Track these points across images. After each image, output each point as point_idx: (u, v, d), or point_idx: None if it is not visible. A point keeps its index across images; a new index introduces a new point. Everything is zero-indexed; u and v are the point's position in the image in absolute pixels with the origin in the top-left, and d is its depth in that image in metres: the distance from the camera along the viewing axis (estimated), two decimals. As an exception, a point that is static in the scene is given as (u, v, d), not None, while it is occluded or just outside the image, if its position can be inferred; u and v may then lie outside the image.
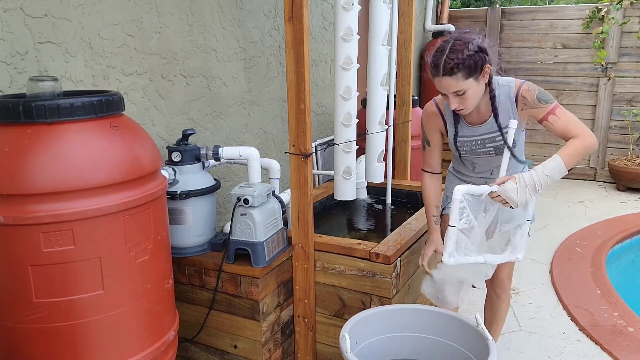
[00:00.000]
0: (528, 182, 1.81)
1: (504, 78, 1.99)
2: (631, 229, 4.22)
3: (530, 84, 1.93)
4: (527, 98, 1.90)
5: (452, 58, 1.76)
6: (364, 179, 3.06)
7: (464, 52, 1.75)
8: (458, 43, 1.78)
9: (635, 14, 5.46)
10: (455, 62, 1.75)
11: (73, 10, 2.07)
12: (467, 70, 1.77)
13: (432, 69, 1.81)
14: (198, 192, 2.20)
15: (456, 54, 1.76)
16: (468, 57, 1.76)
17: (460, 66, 1.75)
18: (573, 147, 1.83)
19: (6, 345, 1.55)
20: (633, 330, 2.78)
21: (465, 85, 1.79)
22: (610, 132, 5.80)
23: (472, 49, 1.76)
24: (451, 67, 1.76)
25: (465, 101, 1.84)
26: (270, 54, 3.26)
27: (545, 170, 1.81)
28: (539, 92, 1.90)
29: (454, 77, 1.77)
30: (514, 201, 1.82)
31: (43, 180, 1.42)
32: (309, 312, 2.40)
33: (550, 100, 1.89)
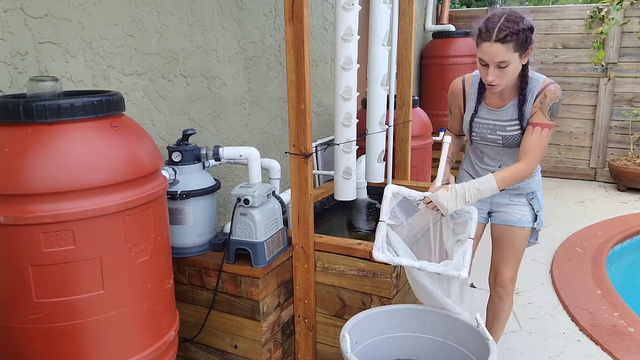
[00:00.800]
0: (459, 192, 1.89)
1: (535, 72, 2.00)
2: (631, 229, 4.22)
3: (557, 89, 1.93)
4: (547, 98, 1.91)
5: (507, 26, 1.77)
6: (364, 179, 3.06)
7: (519, 24, 1.78)
8: (514, 15, 1.80)
9: (635, 14, 5.46)
10: (511, 30, 1.76)
11: (73, 11, 2.07)
12: (517, 43, 1.78)
13: (485, 33, 1.81)
14: (198, 192, 2.20)
15: (512, 23, 1.77)
16: (522, 30, 1.78)
17: (514, 36, 1.77)
18: (510, 172, 1.91)
19: (6, 345, 1.55)
20: (633, 330, 2.78)
21: (511, 58, 1.80)
22: (611, 132, 5.80)
23: (526, 24, 1.79)
24: (505, 35, 1.77)
25: (504, 75, 1.85)
26: (271, 54, 3.27)
27: (477, 184, 1.90)
28: (557, 102, 1.92)
29: (505, 45, 1.78)
30: (444, 208, 1.89)
31: (43, 180, 1.42)
32: (309, 312, 2.40)
33: (554, 118, 1.94)
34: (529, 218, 2.14)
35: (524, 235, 2.17)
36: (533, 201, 2.12)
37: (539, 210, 2.14)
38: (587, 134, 5.92)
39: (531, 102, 1.95)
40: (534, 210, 2.13)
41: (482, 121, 2.07)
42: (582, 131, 5.94)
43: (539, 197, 2.13)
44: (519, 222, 2.14)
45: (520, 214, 2.13)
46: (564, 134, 6.02)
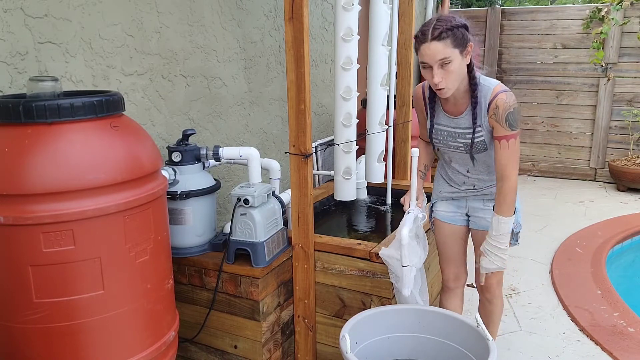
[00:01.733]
0: (491, 249, 1.98)
1: (487, 77, 1.97)
2: (631, 229, 4.22)
3: (509, 97, 1.89)
4: (500, 109, 1.88)
5: (441, 24, 1.81)
6: (364, 179, 3.06)
7: (451, 22, 1.81)
8: (445, 15, 1.85)
9: (635, 14, 5.46)
10: (445, 27, 1.80)
11: (73, 11, 2.07)
12: (454, 39, 1.80)
13: (421, 36, 1.83)
14: (198, 192, 2.20)
15: (445, 22, 1.81)
16: (456, 27, 1.80)
17: (449, 32, 1.80)
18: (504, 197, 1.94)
19: (6, 345, 1.55)
20: (633, 330, 2.78)
21: (451, 54, 1.81)
22: (611, 132, 5.80)
23: (459, 22, 1.83)
24: (440, 32, 1.80)
25: (449, 75, 1.83)
26: (271, 54, 3.27)
27: (494, 231, 1.97)
28: (512, 111, 1.88)
29: (442, 41, 1.80)
30: (496, 268, 2.01)
31: (43, 180, 1.42)
32: (309, 312, 2.40)
33: (514, 127, 1.89)
34: None
35: None
36: None
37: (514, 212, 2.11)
38: (587, 134, 5.92)
39: (485, 110, 1.92)
40: None
41: (442, 128, 2.06)
42: (582, 131, 5.94)
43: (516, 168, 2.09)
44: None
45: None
46: (564, 134, 6.02)
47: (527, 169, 6.23)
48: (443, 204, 2.25)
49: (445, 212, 2.24)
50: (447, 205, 2.23)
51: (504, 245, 1.98)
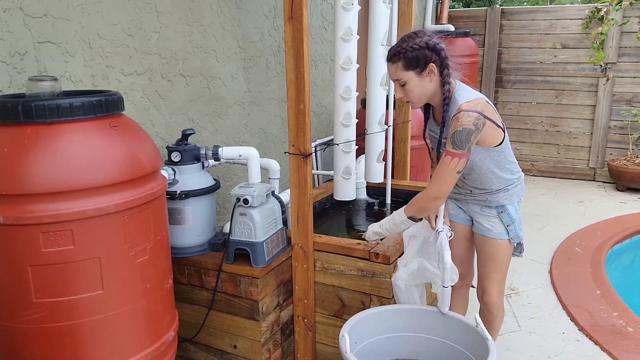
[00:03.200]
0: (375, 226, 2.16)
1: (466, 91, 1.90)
2: (631, 229, 4.22)
3: (465, 117, 1.81)
4: (452, 125, 1.85)
5: (397, 45, 1.85)
6: (364, 179, 3.06)
7: (409, 43, 1.83)
8: (410, 35, 1.86)
9: (634, 14, 5.46)
10: (398, 50, 1.83)
11: (72, 10, 2.07)
12: (407, 62, 1.83)
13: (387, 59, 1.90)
14: (198, 192, 2.19)
15: (404, 43, 1.84)
16: (410, 49, 1.82)
17: (401, 55, 1.83)
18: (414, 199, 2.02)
19: (6, 345, 1.54)
20: (632, 330, 2.78)
21: (404, 76, 1.86)
22: (610, 132, 5.80)
23: (418, 44, 1.82)
24: (393, 54, 1.85)
25: (408, 93, 1.90)
26: (270, 54, 3.26)
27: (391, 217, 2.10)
28: (460, 130, 1.81)
29: (394, 64, 1.86)
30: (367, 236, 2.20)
31: (43, 180, 1.42)
32: (309, 312, 2.40)
33: (457, 146, 1.82)
34: (500, 230, 2.07)
35: (499, 248, 2.09)
36: (502, 215, 2.05)
37: (510, 224, 2.07)
38: (586, 134, 5.92)
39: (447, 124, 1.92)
40: (504, 224, 2.07)
41: (431, 133, 2.10)
42: (581, 131, 5.94)
43: (509, 211, 2.05)
44: (489, 233, 2.09)
45: (490, 224, 2.08)
46: (564, 134, 6.03)
47: (527, 169, 6.23)
48: (447, 203, 2.22)
49: (450, 210, 2.23)
50: (451, 204, 2.22)
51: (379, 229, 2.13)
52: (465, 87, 1.94)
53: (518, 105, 6.16)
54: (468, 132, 1.81)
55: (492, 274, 2.15)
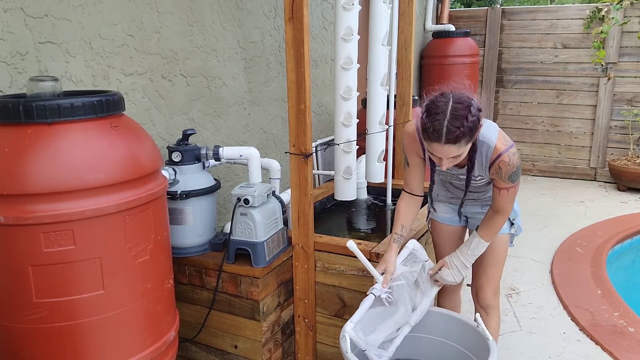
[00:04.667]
0: (458, 264, 2.02)
1: (486, 130, 1.83)
2: (631, 229, 4.22)
3: (511, 157, 1.81)
4: (502, 170, 1.83)
5: (456, 126, 1.63)
6: (364, 179, 3.06)
7: (468, 118, 1.64)
8: (459, 107, 1.65)
9: (635, 14, 5.45)
10: (462, 130, 1.64)
11: (73, 11, 2.07)
12: (470, 136, 1.68)
13: (432, 133, 1.67)
14: (198, 192, 2.20)
15: (460, 120, 1.63)
16: (472, 125, 1.65)
17: (465, 134, 1.65)
18: (494, 227, 1.97)
19: (6, 345, 1.55)
20: (633, 330, 2.78)
21: (464, 149, 1.72)
22: (611, 132, 5.79)
23: (475, 114, 1.66)
24: (456, 137, 1.64)
25: (458, 158, 1.76)
26: (271, 54, 3.26)
27: (469, 250, 2.01)
28: (515, 171, 1.83)
29: (457, 144, 1.67)
30: (452, 282, 2.06)
31: (43, 180, 1.42)
32: (309, 312, 2.40)
33: (517, 180, 1.87)
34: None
35: (499, 242, 2.10)
36: None
37: (515, 217, 2.11)
38: (587, 133, 5.92)
39: (485, 166, 1.87)
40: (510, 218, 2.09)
41: (449, 171, 2.03)
42: (582, 131, 5.94)
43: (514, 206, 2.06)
44: None
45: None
46: (564, 134, 6.02)
47: (527, 169, 6.23)
48: (441, 206, 2.23)
49: (443, 214, 2.23)
50: (445, 207, 2.22)
51: (469, 265, 2.03)
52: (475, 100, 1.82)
53: (519, 105, 6.15)
54: (519, 167, 1.85)
55: (488, 270, 2.15)
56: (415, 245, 2.07)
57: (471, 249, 2.00)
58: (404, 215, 2.06)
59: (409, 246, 2.05)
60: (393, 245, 2.01)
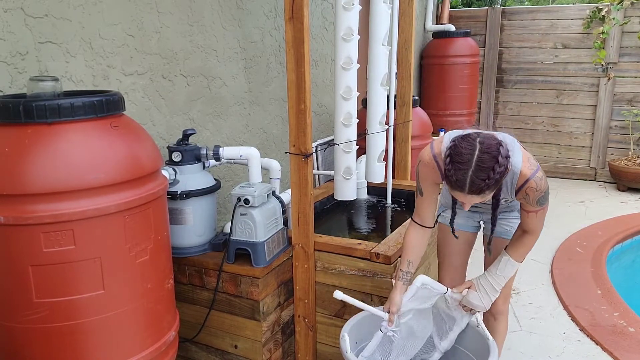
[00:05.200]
0: (487, 287, 1.89)
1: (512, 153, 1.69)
2: (632, 229, 4.22)
3: (539, 183, 1.71)
4: (530, 196, 1.74)
5: (482, 178, 1.53)
6: (364, 179, 3.06)
7: (495, 170, 1.53)
8: (486, 158, 1.53)
9: (635, 14, 5.45)
10: (487, 182, 1.54)
11: (73, 10, 2.07)
12: (496, 186, 1.58)
13: (454, 183, 1.58)
14: (198, 192, 2.20)
15: (486, 172, 1.53)
16: (499, 175, 1.55)
17: (491, 186, 1.56)
18: (525, 247, 1.87)
19: (6, 345, 1.55)
20: (633, 330, 2.77)
21: (487, 197, 1.63)
22: (611, 132, 5.79)
23: (503, 164, 1.54)
24: (481, 188, 1.55)
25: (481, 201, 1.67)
26: (271, 54, 3.26)
27: (499, 271, 1.89)
28: (543, 195, 1.74)
29: (481, 195, 1.59)
30: (480, 307, 1.90)
31: (43, 180, 1.42)
32: (309, 312, 2.40)
33: (544, 203, 1.78)
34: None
35: None
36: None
37: None
38: (587, 133, 5.92)
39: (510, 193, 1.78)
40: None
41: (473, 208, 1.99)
42: (582, 131, 5.93)
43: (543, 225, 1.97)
44: (506, 234, 2.02)
45: (510, 225, 2.03)
46: (564, 134, 6.02)
47: (528, 169, 6.23)
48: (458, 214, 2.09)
49: (458, 220, 2.09)
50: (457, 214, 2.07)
51: (499, 288, 1.89)
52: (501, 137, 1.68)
53: (519, 105, 6.15)
54: (547, 191, 1.75)
55: None
56: (424, 280, 1.90)
57: (500, 269, 1.86)
58: (412, 250, 1.93)
59: (417, 283, 1.89)
60: (398, 284, 1.90)
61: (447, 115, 5.47)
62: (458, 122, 5.50)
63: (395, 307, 1.89)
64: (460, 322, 1.96)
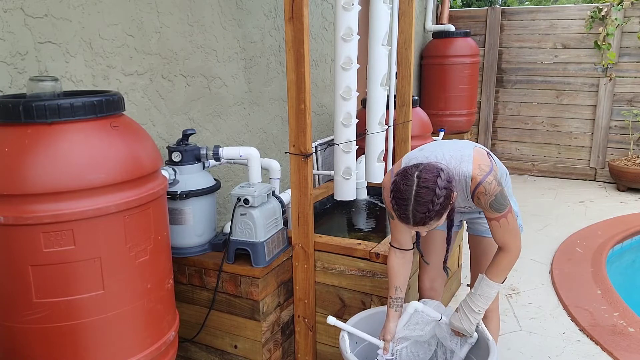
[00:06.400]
0: (465, 308, 1.86)
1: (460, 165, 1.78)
2: (631, 229, 4.22)
3: (487, 186, 1.74)
4: (481, 201, 1.77)
5: (422, 212, 1.60)
6: (364, 179, 3.06)
7: (434, 202, 1.59)
8: (423, 192, 1.59)
9: (635, 14, 5.46)
10: (428, 215, 1.60)
11: (73, 11, 2.07)
12: (440, 215, 1.63)
13: (399, 217, 1.65)
14: (198, 192, 2.20)
15: (425, 205, 1.59)
16: (440, 206, 1.61)
17: (432, 215, 1.61)
18: (498, 266, 1.83)
19: (6, 345, 1.55)
20: (633, 330, 2.78)
21: (438, 223, 1.68)
22: (611, 132, 5.79)
23: (441, 195, 1.60)
24: (424, 220, 1.62)
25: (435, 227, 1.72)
26: (271, 54, 3.27)
27: (474, 290, 1.87)
28: (494, 199, 1.75)
29: (426, 225, 1.65)
30: (466, 330, 1.87)
31: (43, 180, 1.42)
32: (309, 312, 2.40)
33: (502, 208, 1.77)
34: None
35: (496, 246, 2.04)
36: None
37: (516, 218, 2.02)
38: (587, 134, 5.92)
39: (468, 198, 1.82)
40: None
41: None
42: (582, 131, 5.94)
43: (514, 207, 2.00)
44: (487, 232, 2.02)
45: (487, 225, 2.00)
46: (564, 134, 6.02)
47: (527, 169, 6.24)
48: None
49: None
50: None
51: (479, 310, 1.84)
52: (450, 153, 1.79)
53: (518, 105, 6.15)
54: (500, 194, 1.75)
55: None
56: (417, 306, 1.92)
57: (477, 289, 1.85)
58: (397, 277, 1.95)
59: (409, 310, 1.92)
60: (390, 312, 1.93)
61: (447, 115, 5.48)
62: (458, 122, 5.51)
63: (389, 335, 1.91)
64: (459, 352, 1.95)
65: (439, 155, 1.81)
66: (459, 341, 1.95)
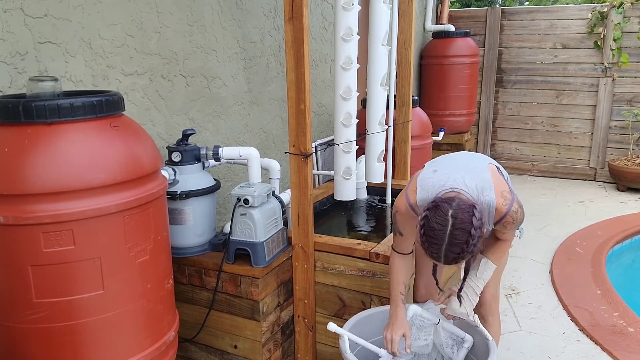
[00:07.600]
0: (468, 291, 1.87)
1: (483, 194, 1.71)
2: (631, 229, 4.22)
3: (515, 216, 1.74)
4: (508, 228, 1.78)
5: (456, 252, 1.57)
6: (364, 179, 3.06)
7: (468, 243, 1.56)
8: (459, 234, 1.56)
9: (635, 14, 5.46)
10: (461, 255, 1.58)
11: (73, 10, 2.07)
12: (472, 253, 1.62)
13: (430, 255, 1.62)
14: (198, 192, 2.20)
15: (460, 246, 1.56)
16: (473, 247, 1.58)
17: (466, 257, 1.61)
18: (501, 251, 1.91)
19: (6, 345, 1.55)
20: (633, 330, 2.78)
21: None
22: (610, 132, 5.79)
23: (476, 235, 1.57)
24: (456, 260, 1.60)
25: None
26: (270, 54, 3.27)
27: (478, 274, 1.88)
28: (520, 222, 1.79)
29: (459, 263, 1.65)
30: (464, 314, 1.87)
31: (43, 180, 1.42)
32: (309, 312, 2.40)
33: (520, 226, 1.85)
34: None
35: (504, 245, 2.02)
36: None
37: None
38: (586, 134, 5.92)
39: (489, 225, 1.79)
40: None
41: None
42: (581, 131, 5.94)
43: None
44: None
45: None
46: (564, 134, 6.02)
47: (527, 169, 6.24)
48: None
49: None
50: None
51: (479, 292, 1.88)
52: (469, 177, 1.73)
53: (518, 105, 6.16)
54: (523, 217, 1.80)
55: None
56: (415, 310, 1.95)
57: (479, 271, 1.87)
58: (403, 273, 1.96)
59: (408, 313, 1.94)
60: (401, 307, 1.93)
61: (447, 115, 5.48)
62: (458, 122, 5.51)
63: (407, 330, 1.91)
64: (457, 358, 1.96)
65: (458, 180, 1.71)
66: (456, 346, 1.96)
